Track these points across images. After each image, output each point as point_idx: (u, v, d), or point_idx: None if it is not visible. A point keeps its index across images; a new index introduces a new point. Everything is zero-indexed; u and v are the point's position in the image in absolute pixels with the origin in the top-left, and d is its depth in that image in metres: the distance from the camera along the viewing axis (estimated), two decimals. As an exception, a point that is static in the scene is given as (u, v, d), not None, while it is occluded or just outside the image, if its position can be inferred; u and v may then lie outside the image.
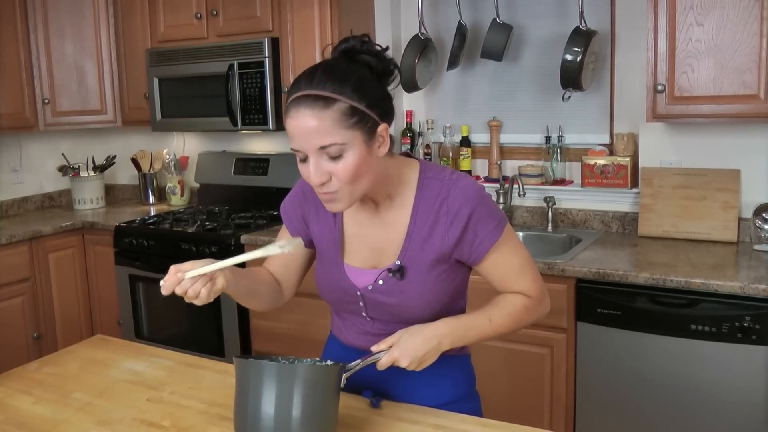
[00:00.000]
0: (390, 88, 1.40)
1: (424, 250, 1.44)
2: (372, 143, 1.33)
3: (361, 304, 1.51)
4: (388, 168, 1.42)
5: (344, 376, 1.35)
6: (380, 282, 1.47)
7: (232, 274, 1.40)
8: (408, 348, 1.38)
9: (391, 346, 1.40)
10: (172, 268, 1.32)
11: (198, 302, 1.33)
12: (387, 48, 1.40)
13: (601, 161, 3.03)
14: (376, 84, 1.35)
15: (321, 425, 1.28)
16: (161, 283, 1.32)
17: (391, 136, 1.42)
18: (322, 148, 1.29)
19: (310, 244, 1.60)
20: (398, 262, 1.45)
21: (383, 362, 1.38)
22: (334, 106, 1.28)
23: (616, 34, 3.03)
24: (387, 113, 1.37)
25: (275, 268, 1.63)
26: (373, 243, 1.49)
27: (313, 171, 1.32)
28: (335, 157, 1.30)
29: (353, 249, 1.52)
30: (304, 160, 1.33)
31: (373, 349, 1.42)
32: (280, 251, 1.35)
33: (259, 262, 1.50)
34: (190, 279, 1.31)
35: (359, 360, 1.41)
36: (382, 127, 1.34)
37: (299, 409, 1.24)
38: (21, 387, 1.69)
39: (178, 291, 1.31)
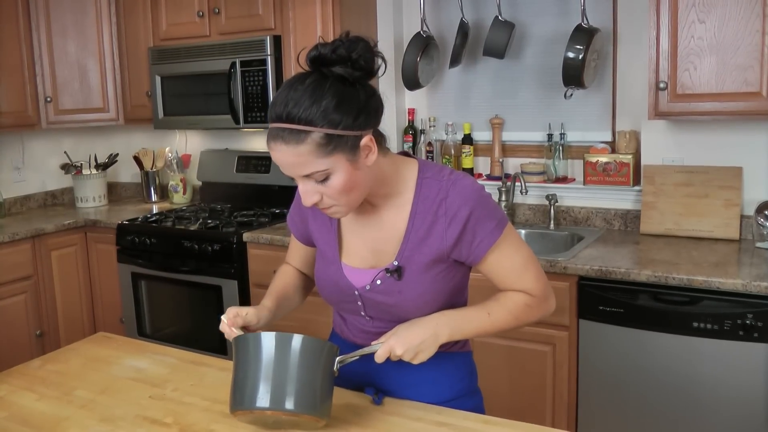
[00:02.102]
0: (379, 74, 1.36)
1: (422, 251, 1.43)
2: (356, 158, 1.32)
3: (359, 303, 1.51)
4: (382, 168, 1.41)
5: (337, 360, 1.36)
6: (378, 282, 1.46)
7: (273, 306, 1.57)
8: (403, 337, 1.38)
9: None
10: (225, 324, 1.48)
11: None
12: (375, 44, 1.34)
13: (603, 159, 3.03)
14: (353, 94, 1.30)
15: (314, 397, 1.31)
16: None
17: (382, 134, 1.41)
18: (306, 176, 1.31)
19: (312, 242, 1.61)
20: (396, 263, 1.44)
21: (380, 353, 1.38)
22: (309, 138, 1.26)
23: (618, 32, 3.03)
24: (370, 119, 1.33)
25: (298, 266, 1.72)
26: (371, 243, 1.49)
27: (302, 195, 1.35)
28: (322, 180, 1.32)
29: (351, 249, 1.52)
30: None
31: (372, 344, 1.42)
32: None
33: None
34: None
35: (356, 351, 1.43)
36: (365, 140, 1.31)
37: (294, 376, 1.29)
38: (24, 384, 1.69)
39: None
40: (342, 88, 1.29)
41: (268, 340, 1.31)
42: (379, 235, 1.48)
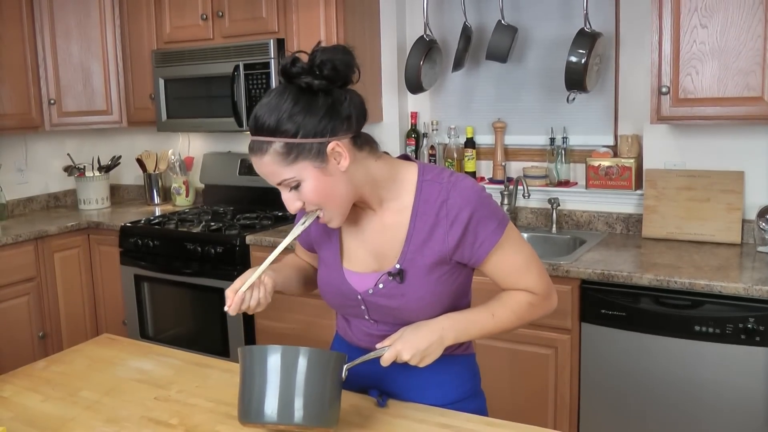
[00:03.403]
0: (355, 80, 1.36)
1: (423, 253, 1.44)
2: (325, 164, 1.33)
3: (362, 307, 1.51)
4: (375, 173, 1.42)
5: (345, 366, 1.36)
6: (380, 285, 1.47)
7: (273, 271, 1.53)
8: (410, 341, 1.39)
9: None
10: (229, 292, 1.43)
11: (260, 308, 1.48)
12: (352, 48, 1.34)
13: (605, 163, 3.03)
14: (313, 102, 1.31)
15: (323, 408, 1.31)
16: (226, 309, 1.44)
17: (371, 139, 1.42)
18: (279, 184, 1.35)
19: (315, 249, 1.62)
20: (398, 266, 1.45)
21: (386, 357, 1.38)
22: (270, 149, 1.31)
23: (620, 36, 3.04)
24: (339, 125, 1.33)
25: (306, 258, 1.72)
26: (373, 247, 1.50)
27: (284, 202, 1.39)
28: (295, 187, 1.35)
29: (352, 253, 1.53)
30: None
31: (377, 346, 1.43)
32: (302, 228, 1.45)
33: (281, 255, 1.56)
34: (247, 292, 1.44)
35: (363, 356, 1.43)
36: (331, 146, 1.32)
37: (302, 391, 1.29)
38: (29, 385, 1.70)
39: (243, 307, 1.45)
40: (300, 97, 1.31)
41: (275, 354, 1.30)
42: (380, 239, 1.48)
